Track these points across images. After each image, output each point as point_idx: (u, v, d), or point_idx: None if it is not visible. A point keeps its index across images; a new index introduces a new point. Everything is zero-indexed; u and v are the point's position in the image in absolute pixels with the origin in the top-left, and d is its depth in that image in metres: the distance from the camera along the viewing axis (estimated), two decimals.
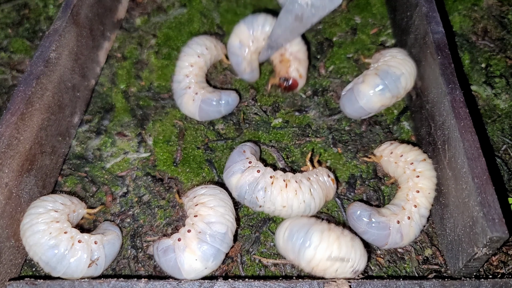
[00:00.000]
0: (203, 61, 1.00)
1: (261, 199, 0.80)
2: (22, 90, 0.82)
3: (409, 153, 0.85)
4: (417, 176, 0.82)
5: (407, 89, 0.94)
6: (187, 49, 1.01)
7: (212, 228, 0.75)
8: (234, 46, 1.00)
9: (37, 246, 0.74)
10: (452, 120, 0.77)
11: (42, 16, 1.21)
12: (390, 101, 0.94)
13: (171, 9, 1.21)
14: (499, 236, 0.64)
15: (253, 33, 0.99)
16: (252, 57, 1.00)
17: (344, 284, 0.69)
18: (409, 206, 0.80)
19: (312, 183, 0.81)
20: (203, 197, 0.78)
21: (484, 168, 0.70)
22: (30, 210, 0.77)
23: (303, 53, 1.00)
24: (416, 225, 0.79)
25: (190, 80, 0.98)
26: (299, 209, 0.80)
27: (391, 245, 0.79)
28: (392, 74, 0.91)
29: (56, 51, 0.90)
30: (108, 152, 0.96)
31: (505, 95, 1.00)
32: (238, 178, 0.81)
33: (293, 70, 0.98)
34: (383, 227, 0.78)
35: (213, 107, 0.96)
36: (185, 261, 0.73)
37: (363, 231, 0.79)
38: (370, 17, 1.16)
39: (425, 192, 0.81)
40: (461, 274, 0.75)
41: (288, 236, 0.75)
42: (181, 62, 1.00)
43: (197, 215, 0.76)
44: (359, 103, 0.93)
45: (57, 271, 0.74)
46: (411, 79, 0.92)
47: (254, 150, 0.88)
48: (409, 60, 0.93)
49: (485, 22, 1.11)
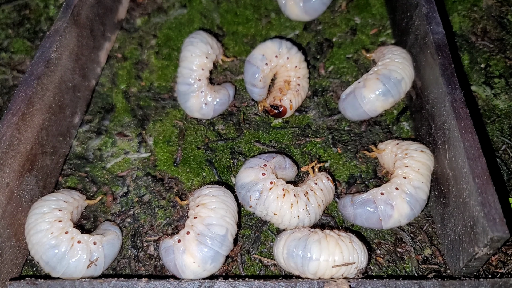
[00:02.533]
0: (210, 61, 1.00)
1: (254, 200, 0.80)
2: (23, 91, 0.82)
3: (411, 145, 0.85)
4: (405, 157, 0.82)
5: (406, 92, 0.95)
6: (195, 49, 0.98)
7: (212, 230, 0.74)
8: (255, 58, 0.98)
9: (39, 245, 0.74)
10: (453, 120, 0.77)
11: (43, 16, 1.21)
12: (391, 105, 0.95)
13: (171, 9, 1.21)
14: (500, 236, 0.65)
15: (279, 49, 0.98)
16: (268, 74, 0.98)
17: (344, 284, 0.70)
18: (397, 179, 0.80)
19: (310, 197, 0.80)
20: (206, 198, 0.78)
21: (484, 168, 0.70)
22: (35, 210, 0.78)
23: (304, 90, 0.99)
24: (410, 196, 0.79)
25: (202, 84, 0.97)
26: (290, 221, 0.79)
27: (386, 220, 0.79)
28: (393, 79, 0.92)
29: (57, 51, 0.90)
30: (109, 152, 0.96)
31: (505, 96, 1.00)
32: (245, 171, 0.82)
33: (286, 100, 0.96)
34: (366, 202, 0.80)
35: (225, 104, 0.99)
36: (183, 264, 0.73)
37: (353, 216, 0.80)
38: (369, 18, 1.16)
39: (414, 168, 0.80)
40: (462, 273, 0.75)
41: (287, 255, 0.74)
42: (190, 64, 0.97)
43: (196, 216, 0.76)
44: (363, 108, 0.94)
45: (56, 271, 0.74)
46: (410, 82, 0.94)
47: (281, 165, 0.86)
48: (408, 64, 0.94)
49: (484, 23, 1.12)
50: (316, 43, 1.12)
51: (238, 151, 0.95)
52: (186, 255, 0.73)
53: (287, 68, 0.98)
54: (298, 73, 0.98)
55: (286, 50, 0.98)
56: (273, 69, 0.99)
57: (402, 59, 0.94)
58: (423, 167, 0.81)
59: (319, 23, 1.16)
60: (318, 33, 1.14)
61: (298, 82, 0.98)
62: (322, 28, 1.15)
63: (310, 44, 1.12)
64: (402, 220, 0.80)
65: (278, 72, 1.01)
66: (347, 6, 1.18)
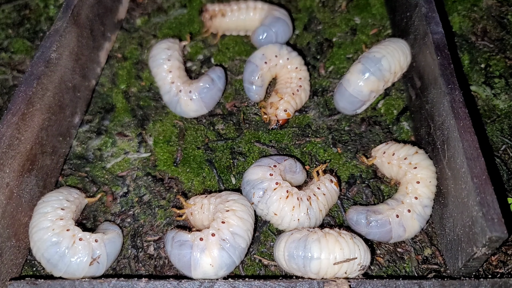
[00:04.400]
0: (175, 60, 1.00)
1: (257, 197, 0.80)
2: (23, 91, 0.82)
3: (400, 150, 0.85)
4: (414, 168, 0.82)
5: (395, 72, 0.95)
6: (154, 62, 1.01)
7: (236, 240, 0.75)
8: (256, 56, 0.99)
9: (40, 242, 0.75)
10: (452, 120, 0.77)
11: (43, 16, 1.21)
12: (378, 86, 0.94)
13: (171, 9, 1.21)
14: (498, 236, 0.65)
15: (280, 50, 0.98)
16: (267, 73, 0.99)
17: (344, 284, 0.70)
18: (408, 199, 0.80)
19: (312, 202, 0.80)
20: (236, 204, 0.78)
21: (483, 168, 0.70)
22: (39, 210, 0.78)
23: (305, 93, 0.99)
24: (419, 216, 0.80)
25: (177, 84, 0.98)
26: (290, 223, 0.79)
27: (395, 239, 0.80)
28: (372, 58, 0.93)
29: (57, 51, 0.90)
30: (109, 152, 0.96)
31: (505, 96, 1.00)
32: (254, 169, 0.83)
33: (281, 111, 0.95)
34: (383, 224, 0.79)
35: (212, 90, 0.98)
36: (199, 262, 0.73)
37: (366, 233, 0.80)
38: (369, 18, 1.16)
39: (425, 181, 0.81)
40: (461, 273, 0.75)
41: (288, 257, 0.74)
42: (158, 74, 1.00)
43: (224, 221, 0.75)
44: (348, 91, 0.94)
45: (58, 269, 0.74)
46: (394, 61, 0.93)
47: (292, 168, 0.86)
48: (393, 44, 0.94)
49: (484, 23, 1.12)
50: (316, 43, 1.12)
51: (238, 151, 0.95)
52: (205, 255, 0.73)
53: (288, 69, 0.99)
54: (300, 75, 0.98)
55: (287, 52, 0.99)
56: (272, 68, 0.99)
57: (388, 41, 0.95)
58: (432, 174, 0.82)
59: (319, 23, 1.16)
60: (318, 33, 1.14)
61: (300, 83, 0.98)
62: (322, 28, 1.15)
63: (310, 44, 1.12)
64: (410, 236, 0.81)
65: (278, 74, 1.01)
66: (347, 6, 1.18)
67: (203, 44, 1.13)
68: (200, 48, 1.13)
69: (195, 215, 0.82)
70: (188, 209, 0.82)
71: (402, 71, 0.96)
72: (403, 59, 0.95)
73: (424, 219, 0.80)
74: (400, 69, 0.95)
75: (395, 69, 0.94)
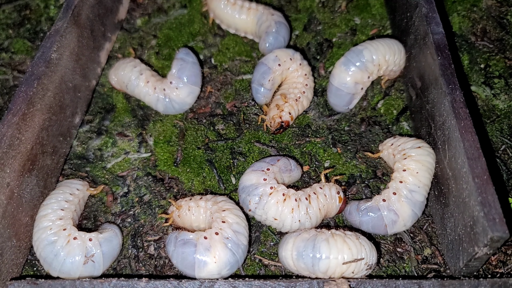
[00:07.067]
0: (142, 70, 1.01)
1: (253, 204, 0.80)
2: (24, 91, 0.82)
3: (406, 143, 0.86)
4: (404, 158, 0.83)
5: (379, 64, 0.95)
6: (123, 77, 1.01)
7: (239, 238, 0.75)
8: (269, 58, 0.98)
9: (39, 241, 0.76)
10: (453, 120, 0.77)
11: (43, 16, 1.21)
12: (362, 77, 0.95)
13: (171, 9, 1.21)
14: (499, 235, 0.65)
15: (293, 54, 0.98)
16: (278, 77, 0.98)
17: (343, 284, 0.70)
18: (394, 184, 0.81)
19: (312, 200, 0.80)
20: (228, 204, 0.80)
21: (484, 168, 0.70)
22: (41, 212, 0.79)
23: (307, 100, 0.99)
24: (407, 200, 0.79)
25: (158, 86, 0.98)
26: (292, 226, 0.79)
27: (391, 226, 0.80)
28: (354, 49, 0.95)
29: (57, 51, 0.90)
30: (109, 152, 0.96)
31: (504, 96, 1.00)
32: (248, 174, 0.83)
33: (285, 114, 0.94)
34: (372, 209, 0.80)
35: (186, 67, 0.98)
36: (204, 260, 0.73)
37: (359, 223, 0.81)
38: (369, 18, 1.16)
39: (412, 171, 0.81)
40: (462, 273, 0.75)
41: (297, 256, 0.74)
42: (132, 84, 1.00)
43: (225, 221, 0.76)
44: (334, 85, 0.96)
45: (53, 268, 0.75)
46: (378, 53, 0.94)
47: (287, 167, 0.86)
48: (381, 40, 0.96)
49: (484, 23, 1.12)
50: (316, 43, 1.13)
51: (238, 151, 0.95)
52: (209, 254, 0.73)
53: (298, 74, 0.98)
54: (306, 81, 0.98)
55: (300, 57, 0.99)
56: (284, 72, 0.98)
57: (378, 38, 0.97)
58: (423, 167, 0.81)
59: (319, 23, 1.16)
60: (318, 33, 1.14)
61: (304, 90, 0.97)
62: (322, 28, 1.15)
63: (310, 44, 1.12)
64: (407, 223, 0.80)
65: (287, 78, 1.00)
66: (347, 6, 1.19)
67: (203, 44, 1.14)
68: (200, 48, 1.13)
69: (183, 216, 0.82)
70: (176, 212, 0.82)
71: (389, 66, 0.97)
72: (390, 54, 0.95)
73: (414, 204, 0.80)
74: (386, 63, 0.95)
75: (379, 62, 0.95)
